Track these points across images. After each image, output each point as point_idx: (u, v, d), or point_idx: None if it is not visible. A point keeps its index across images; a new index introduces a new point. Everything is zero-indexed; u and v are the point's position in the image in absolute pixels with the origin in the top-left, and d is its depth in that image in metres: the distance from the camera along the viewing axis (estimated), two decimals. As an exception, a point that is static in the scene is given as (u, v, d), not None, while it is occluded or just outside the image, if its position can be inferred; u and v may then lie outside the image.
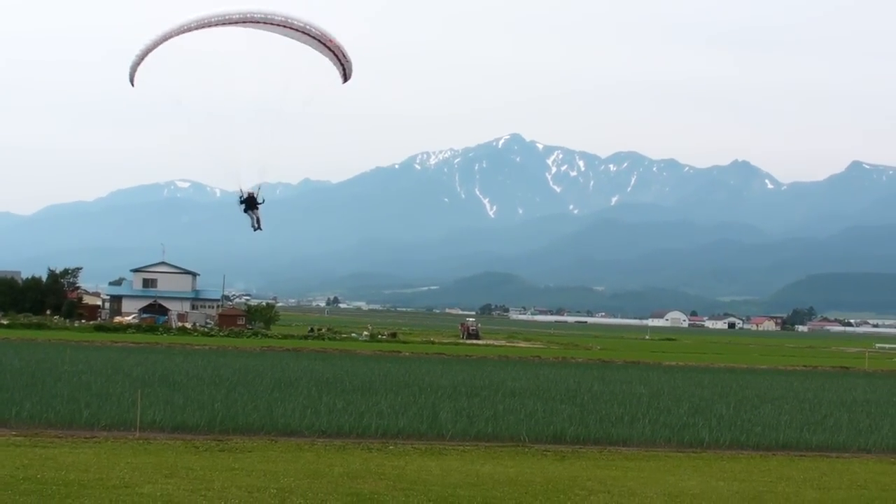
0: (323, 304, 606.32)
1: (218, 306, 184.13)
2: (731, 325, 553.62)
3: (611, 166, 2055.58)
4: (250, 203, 40.07)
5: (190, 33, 35.97)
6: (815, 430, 48.21)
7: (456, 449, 37.79)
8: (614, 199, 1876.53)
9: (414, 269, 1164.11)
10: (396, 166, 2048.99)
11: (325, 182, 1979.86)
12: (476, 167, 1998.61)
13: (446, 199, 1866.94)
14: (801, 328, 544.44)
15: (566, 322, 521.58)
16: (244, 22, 36.61)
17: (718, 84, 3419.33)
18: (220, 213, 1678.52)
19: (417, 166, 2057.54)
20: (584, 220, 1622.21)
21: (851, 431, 48.80)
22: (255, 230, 41.20)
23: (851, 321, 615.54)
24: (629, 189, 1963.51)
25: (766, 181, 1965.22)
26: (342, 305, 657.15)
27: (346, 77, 38.93)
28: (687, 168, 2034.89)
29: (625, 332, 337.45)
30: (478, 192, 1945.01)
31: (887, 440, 46.23)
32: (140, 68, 37.07)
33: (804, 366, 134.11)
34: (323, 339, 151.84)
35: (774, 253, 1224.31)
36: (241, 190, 40.11)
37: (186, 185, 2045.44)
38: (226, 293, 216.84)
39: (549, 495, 27.16)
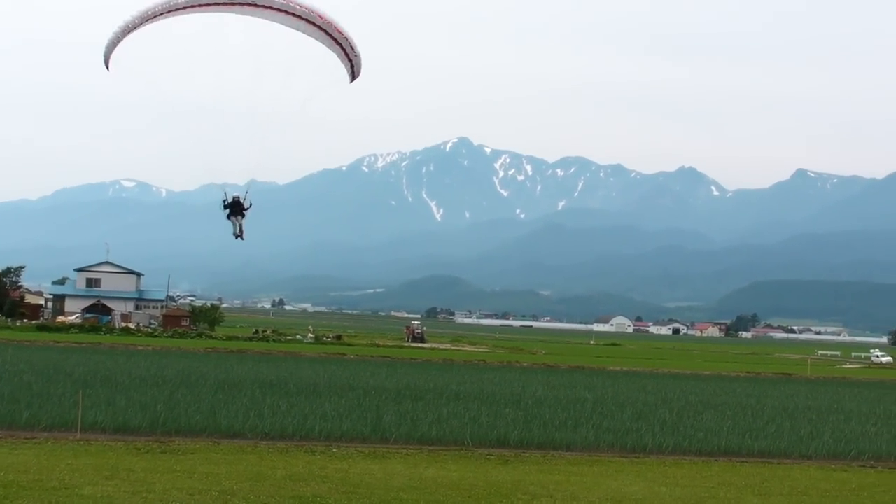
0: (268, 306, 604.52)
1: (162, 307, 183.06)
2: (676, 331, 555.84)
3: (558, 171, 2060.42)
4: (235, 208, 36.10)
5: (175, 15, 31.49)
6: (756, 437, 48.46)
7: (399, 452, 37.77)
8: (561, 204, 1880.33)
9: (360, 272, 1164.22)
10: (344, 168, 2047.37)
11: (272, 183, 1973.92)
12: (423, 170, 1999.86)
13: (393, 202, 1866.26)
14: (744, 334, 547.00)
15: (512, 326, 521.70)
16: (236, 4, 31.52)
17: (666, 90, 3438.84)
18: (166, 213, 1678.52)
19: (365, 168, 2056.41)
20: (531, 224, 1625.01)
21: (793, 438, 49.06)
22: (236, 238, 36.75)
23: (794, 328, 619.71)
24: (576, 194, 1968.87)
25: (712, 188, 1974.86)
26: (287, 307, 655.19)
27: (354, 75, 33.86)
28: (634, 174, 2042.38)
29: (570, 336, 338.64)
30: (425, 196, 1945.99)
31: (828, 447, 46.50)
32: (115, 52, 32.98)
33: (747, 372, 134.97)
34: (267, 341, 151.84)
35: (719, 259, 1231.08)
36: (224, 193, 36.17)
37: (132, 184, 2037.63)
38: (170, 294, 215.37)
39: (491, 499, 27.21)
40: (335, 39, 31.65)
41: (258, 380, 68.86)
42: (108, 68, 32.60)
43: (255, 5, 31.08)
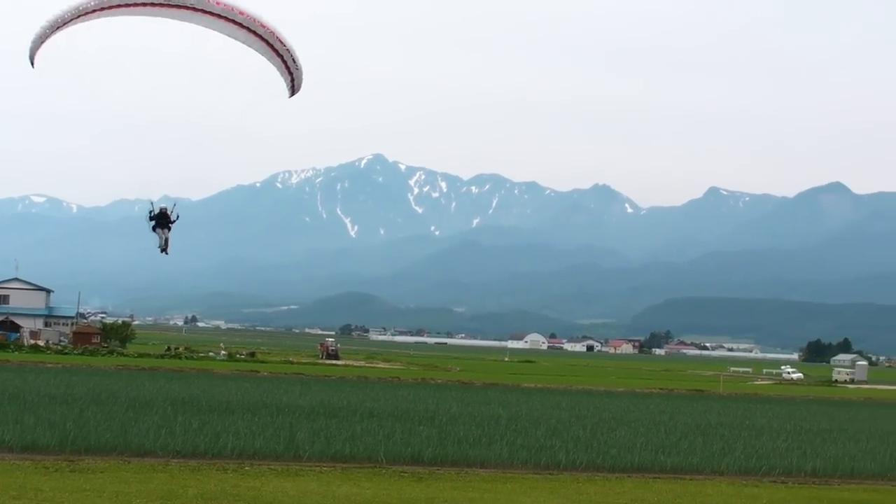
0: (181, 323, 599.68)
1: (72, 324, 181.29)
2: (590, 348, 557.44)
3: (473, 188, 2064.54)
4: (162, 220, 34.77)
5: (109, 16, 28.59)
6: (669, 453, 48.69)
7: (313, 470, 37.62)
8: (476, 221, 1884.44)
9: (274, 289, 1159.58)
10: (258, 185, 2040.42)
11: (186, 199, 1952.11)
12: (338, 187, 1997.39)
13: (308, 219, 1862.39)
14: (658, 351, 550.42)
15: (426, 343, 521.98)
16: (172, 7, 28.47)
17: (580, 107, 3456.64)
18: (77, 229, 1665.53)
19: (279, 185, 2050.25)
20: (446, 241, 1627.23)
21: (705, 454, 49.37)
22: (161, 251, 35.66)
23: (707, 345, 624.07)
24: (491, 211, 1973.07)
25: (626, 205, 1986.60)
26: (200, 324, 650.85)
27: (294, 89, 31.25)
28: (548, 191, 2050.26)
29: (484, 353, 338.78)
30: (339, 212, 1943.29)
31: (739, 463, 46.84)
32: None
33: (660, 389, 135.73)
34: (180, 358, 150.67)
35: (633, 277, 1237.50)
36: (152, 204, 34.87)
37: (42, 199, 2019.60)
38: (81, 310, 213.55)
39: (405, 516, 27.21)
40: (276, 51, 29.57)
41: (170, 397, 68.37)
42: (33, 65, 30.08)
43: (193, 9, 28.54)
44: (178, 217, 34.92)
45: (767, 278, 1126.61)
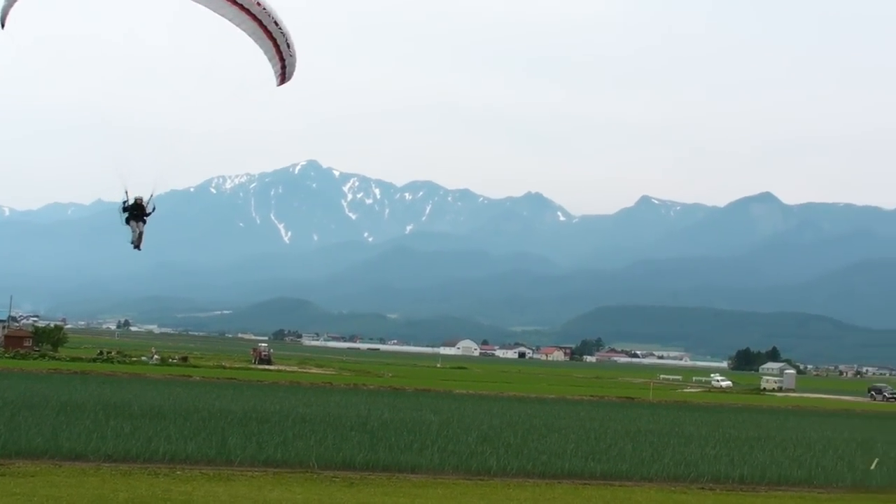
0: (113, 327, 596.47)
1: (3, 327, 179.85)
2: (522, 355, 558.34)
3: (406, 195, 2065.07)
4: (137, 211, 32.25)
5: None
6: (599, 459, 48.85)
7: (244, 475, 37.49)
8: (409, 228, 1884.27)
9: (207, 294, 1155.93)
10: (192, 189, 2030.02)
11: (116, 202, 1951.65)
12: (272, 192, 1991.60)
13: (241, 224, 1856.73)
14: (589, 358, 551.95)
15: (359, 349, 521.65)
16: None
17: (514, 115, 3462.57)
18: (9, 232, 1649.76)
19: (213, 190, 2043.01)
20: (379, 247, 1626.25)
21: (634, 460, 49.55)
22: (134, 247, 33.20)
23: (637, 352, 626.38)
24: (424, 218, 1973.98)
25: (559, 213, 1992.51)
26: (133, 328, 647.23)
27: (284, 77, 27.96)
28: (481, 198, 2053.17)
29: (417, 359, 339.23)
30: (273, 218, 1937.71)
31: (668, 469, 47.05)
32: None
33: (591, 396, 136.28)
34: (112, 363, 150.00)
35: (565, 284, 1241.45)
36: (126, 194, 32.31)
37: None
38: (12, 314, 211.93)
39: (336, 522, 27.19)
40: (269, 33, 26.01)
41: (102, 402, 67.95)
42: (3, 26, 26.84)
43: None
44: (154, 209, 32.75)
45: (698, 286, 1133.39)
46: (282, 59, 26.17)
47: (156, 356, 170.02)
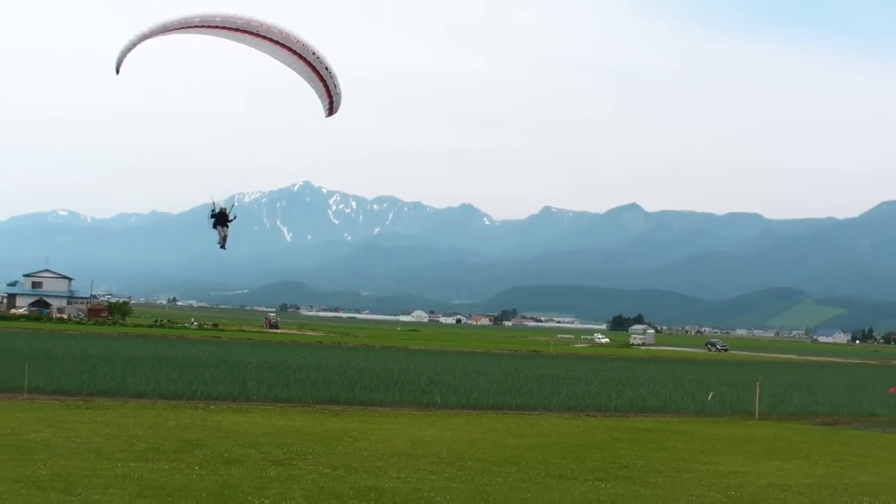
0: (164, 302, 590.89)
1: (87, 302, 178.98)
2: (458, 321, 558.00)
3: (375, 206, 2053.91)
4: (221, 219, 30.55)
5: (186, 33, 23.35)
6: (514, 396, 49.02)
7: (259, 408, 37.56)
8: (377, 230, 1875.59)
9: (232, 278, 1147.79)
10: (221, 203, 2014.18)
11: (168, 213, 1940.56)
12: (278, 205, 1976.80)
13: (256, 228, 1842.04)
14: (507, 323, 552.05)
15: (341, 317, 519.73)
16: (238, 31, 23.13)
17: (453, 149, 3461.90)
18: (90, 234, 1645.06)
19: (236, 203, 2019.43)
20: (355, 244, 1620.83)
21: (540, 396, 49.74)
22: (221, 248, 31.03)
23: (541, 319, 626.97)
24: (388, 223, 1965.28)
25: (485, 219, 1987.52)
26: (179, 303, 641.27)
27: (332, 111, 26.10)
28: (429, 208, 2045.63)
29: (383, 325, 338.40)
30: (279, 223, 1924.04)
31: (564, 402, 47.27)
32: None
33: (508, 350, 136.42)
34: (164, 328, 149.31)
35: (490, 270, 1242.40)
36: (213, 204, 30.73)
37: (65, 213, 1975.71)
38: (93, 293, 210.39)
39: (326, 441, 27.22)
40: (320, 75, 24.83)
41: (156, 356, 67.88)
42: (118, 72, 23.37)
43: (257, 34, 23.44)
44: (235, 217, 30.68)
45: (585, 271, 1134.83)
46: (330, 97, 25.27)
47: (195, 323, 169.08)
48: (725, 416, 45.72)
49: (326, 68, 24.22)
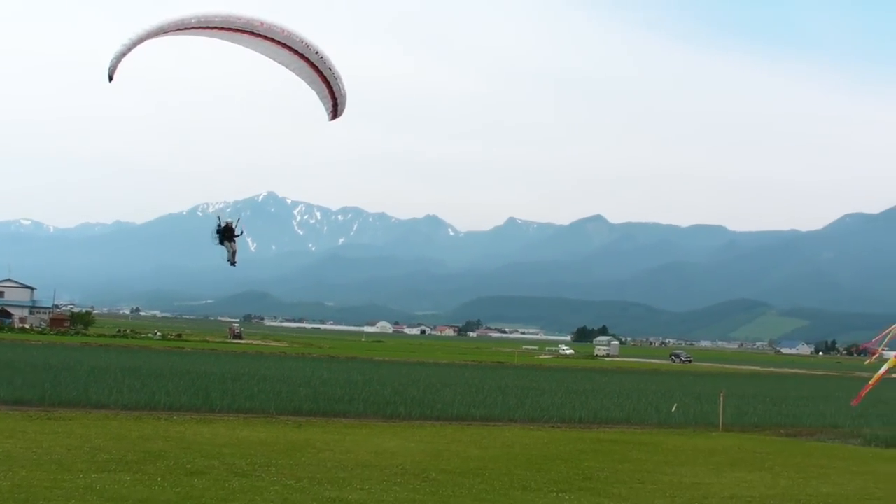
0: (128, 312, 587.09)
1: (49, 312, 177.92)
2: (423, 332, 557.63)
3: (339, 217, 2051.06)
4: (227, 234, 27.64)
5: (183, 35, 21.70)
6: (478, 407, 49.06)
7: (222, 419, 37.44)
8: (341, 241, 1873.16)
9: (196, 288, 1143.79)
10: (184, 213, 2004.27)
11: (132, 223, 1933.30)
12: (242, 215, 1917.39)
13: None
14: (471, 334, 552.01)
15: (305, 328, 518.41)
16: (236, 31, 21.57)
17: (415, 160, 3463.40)
18: (52, 244, 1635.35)
19: (200, 213, 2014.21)
20: (319, 254, 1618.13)
21: (504, 407, 49.81)
22: (231, 264, 28.10)
23: (506, 330, 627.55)
24: (352, 233, 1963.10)
25: (449, 230, 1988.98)
26: (142, 313, 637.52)
27: (336, 114, 23.87)
28: (393, 219, 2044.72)
29: (347, 335, 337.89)
30: (244, 233, 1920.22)
31: (528, 413, 47.36)
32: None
33: (472, 361, 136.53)
34: (127, 338, 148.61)
35: (454, 281, 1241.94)
36: (219, 219, 27.82)
37: (28, 222, 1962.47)
38: (55, 303, 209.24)
39: (290, 452, 27.16)
40: (324, 77, 23.01)
41: (119, 366, 67.50)
42: (111, 79, 20.73)
43: (258, 35, 21.79)
44: (242, 232, 27.79)
45: (549, 282, 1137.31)
46: (334, 98, 23.39)
47: (158, 334, 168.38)
48: (689, 427, 45.96)
49: (330, 69, 23.05)
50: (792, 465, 31.04)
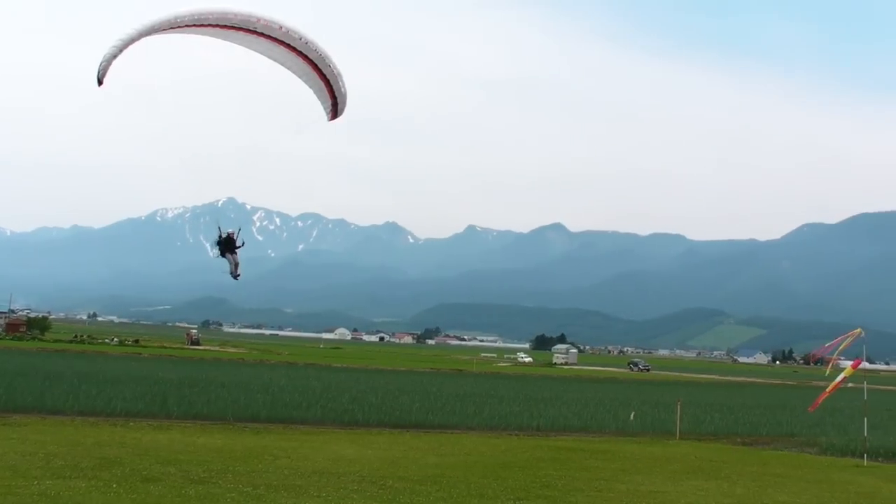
0: (85, 318, 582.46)
1: (5, 317, 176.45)
2: (381, 339, 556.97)
3: (299, 223, 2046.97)
4: (228, 245, 26.25)
5: (176, 33, 20.02)
6: (437, 414, 49.08)
7: (179, 425, 37.21)
8: (301, 247, 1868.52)
9: (154, 293, 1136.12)
10: (143, 217, 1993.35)
11: (90, 227, 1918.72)
12: (202, 220, 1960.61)
13: (179, 243, 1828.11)
14: (430, 342, 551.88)
15: (263, 334, 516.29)
16: (228, 28, 20.12)
17: (374, 168, 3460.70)
18: (9, 248, 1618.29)
19: (159, 218, 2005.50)
20: (279, 260, 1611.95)
21: (462, 415, 49.84)
22: (235, 278, 26.96)
23: (465, 337, 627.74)
24: (312, 239, 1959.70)
25: (409, 236, 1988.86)
26: (100, 319, 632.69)
27: (336, 114, 22.47)
28: (353, 225, 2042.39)
29: (306, 342, 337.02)
30: (202, 239, 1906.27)
31: (486, 421, 47.41)
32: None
33: (431, 368, 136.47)
34: (84, 343, 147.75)
35: (413, 287, 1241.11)
36: (219, 229, 26.34)
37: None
38: (11, 307, 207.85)
39: (246, 459, 27.03)
40: (323, 75, 21.65)
41: (76, 371, 66.95)
42: (100, 83, 18.92)
43: (255, 32, 20.39)
44: (243, 243, 26.51)
45: (508, 290, 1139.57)
46: (334, 97, 21.95)
47: (115, 339, 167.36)
48: (647, 435, 46.16)
49: (329, 66, 21.71)
50: (748, 473, 31.23)
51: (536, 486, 24.83)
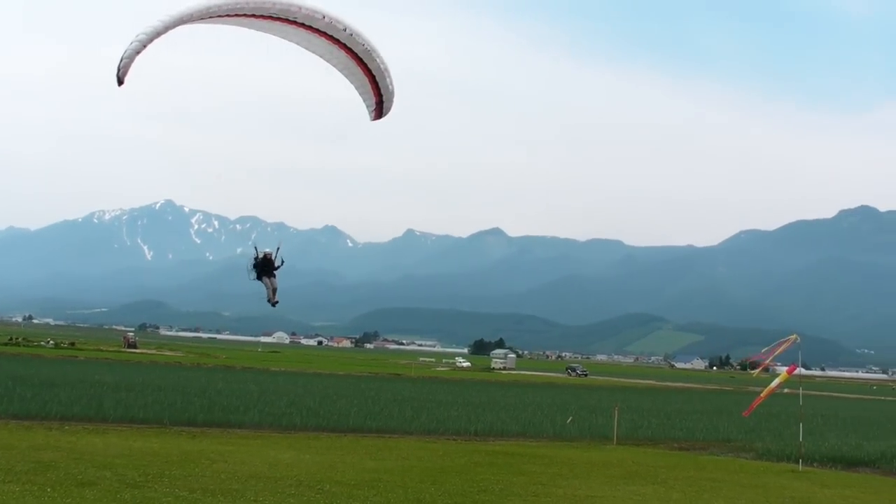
0: (20, 320, 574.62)
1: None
2: (320, 343, 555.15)
3: (237, 226, 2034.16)
4: (266, 267, 23.81)
5: (210, 23, 18.26)
6: (374, 418, 49.00)
7: (116, 429, 36.86)
8: (239, 250, 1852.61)
9: (90, 296, 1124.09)
10: (80, 220, 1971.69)
11: (25, 229, 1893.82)
12: (139, 223, 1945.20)
13: (116, 245, 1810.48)
14: (369, 346, 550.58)
15: (201, 337, 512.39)
16: (258, 16, 18.40)
17: (313, 170, 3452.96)
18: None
19: (96, 220, 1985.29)
20: (217, 263, 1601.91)
21: (400, 419, 49.81)
22: (272, 305, 24.46)
23: (403, 341, 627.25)
24: (250, 243, 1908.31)
25: (348, 241, 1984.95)
26: (35, 321, 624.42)
27: (380, 113, 20.49)
28: (292, 229, 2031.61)
29: (244, 346, 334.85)
30: (140, 241, 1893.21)
31: (424, 425, 47.43)
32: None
33: (369, 372, 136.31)
34: (18, 346, 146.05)
35: (352, 292, 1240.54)
36: (255, 249, 23.95)
37: None
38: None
39: (183, 464, 26.82)
40: (368, 70, 19.82)
41: (10, 374, 66.05)
42: (121, 82, 17.21)
43: (295, 23, 18.70)
44: (283, 262, 24.07)
45: (447, 294, 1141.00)
46: (379, 95, 20.09)
47: (51, 342, 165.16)
48: (584, 440, 46.43)
49: (376, 61, 19.79)
50: (685, 478, 31.50)
51: (473, 491, 24.87)
